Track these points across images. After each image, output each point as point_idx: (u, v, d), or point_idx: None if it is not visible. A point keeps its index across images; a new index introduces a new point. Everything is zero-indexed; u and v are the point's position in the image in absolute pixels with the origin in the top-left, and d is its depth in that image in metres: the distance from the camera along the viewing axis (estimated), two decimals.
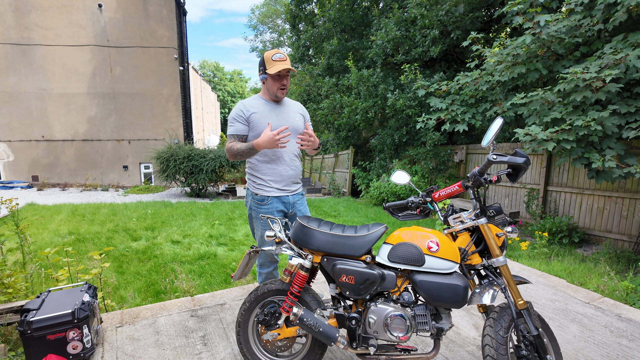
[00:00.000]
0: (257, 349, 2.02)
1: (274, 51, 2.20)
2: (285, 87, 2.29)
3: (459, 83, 6.20)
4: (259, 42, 30.27)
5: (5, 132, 13.41)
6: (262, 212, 2.31)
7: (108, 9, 13.48)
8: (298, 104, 2.50)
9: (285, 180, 2.35)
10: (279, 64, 2.17)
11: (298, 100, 12.61)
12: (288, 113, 2.37)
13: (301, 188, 2.56)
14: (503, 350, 1.62)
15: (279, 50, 2.21)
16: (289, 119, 2.34)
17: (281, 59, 2.18)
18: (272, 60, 2.18)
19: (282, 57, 2.18)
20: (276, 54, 2.18)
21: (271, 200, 2.31)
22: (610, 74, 3.85)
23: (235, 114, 2.27)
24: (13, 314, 2.37)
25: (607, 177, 4.17)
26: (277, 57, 2.18)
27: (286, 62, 2.19)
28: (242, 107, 2.28)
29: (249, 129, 2.26)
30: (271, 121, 2.23)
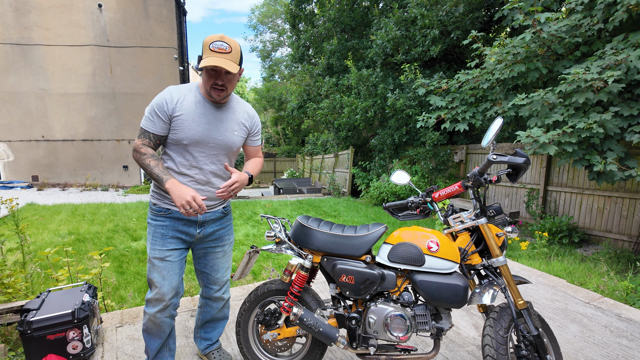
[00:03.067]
0: (257, 349, 2.02)
1: (217, 36, 1.64)
2: (224, 89, 1.71)
3: (459, 81, 6.20)
4: (259, 42, 30.28)
5: (5, 132, 13.41)
6: (155, 225, 1.82)
7: (108, 9, 13.47)
8: (247, 110, 1.92)
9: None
10: (215, 57, 1.61)
11: (298, 100, 12.58)
12: (226, 122, 1.81)
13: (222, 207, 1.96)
14: (503, 350, 1.62)
15: (223, 38, 1.64)
16: (222, 132, 1.80)
17: (222, 50, 1.62)
18: (210, 50, 1.62)
19: (223, 48, 1.62)
20: (217, 42, 1.62)
21: (173, 213, 1.81)
22: (612, 75, 3.85)
23: (156, 106, 1.69)
24: (13, 314, 2.36)
25: (607, 178, 4.17)
26: (216, 45, 1.62)
27: (227, 57, 1.63)
28: (168, 99, 1.70)
29: (169, 129, 1.73)
30: (198, 129, 1.73)
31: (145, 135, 1.72)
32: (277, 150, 26.49)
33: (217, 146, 1.80)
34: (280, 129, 27.87)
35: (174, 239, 1.84)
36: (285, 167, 22.07)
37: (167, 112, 1.70)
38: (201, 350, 2.18)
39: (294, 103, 12.88)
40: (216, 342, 2.20)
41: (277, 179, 16.34)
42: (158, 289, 1.79)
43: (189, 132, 1.72)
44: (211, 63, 1.59)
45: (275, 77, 28.80)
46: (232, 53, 1.66)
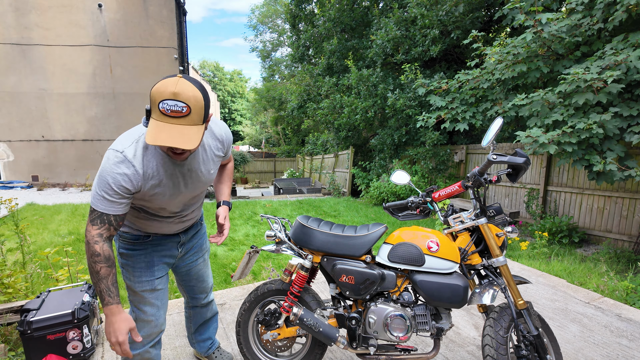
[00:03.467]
0: (257, 349, 2.02)
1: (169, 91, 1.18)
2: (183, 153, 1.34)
3: (460, 81, 6.20)
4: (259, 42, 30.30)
5: (5, 132, 13.41)
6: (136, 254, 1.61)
7: (108, 9, 13.48)
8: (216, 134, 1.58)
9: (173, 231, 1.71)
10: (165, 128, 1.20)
11: (298, 100, 12.57)
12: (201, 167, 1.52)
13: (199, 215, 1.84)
14: (503, 350, 1.62)
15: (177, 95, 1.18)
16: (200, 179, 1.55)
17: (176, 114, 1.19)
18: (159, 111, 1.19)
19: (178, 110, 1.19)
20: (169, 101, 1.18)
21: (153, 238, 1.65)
22: (611, 75, 3.85)
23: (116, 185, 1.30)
24: (13, 314, 2.37)
25: (607, 178, 4.18)
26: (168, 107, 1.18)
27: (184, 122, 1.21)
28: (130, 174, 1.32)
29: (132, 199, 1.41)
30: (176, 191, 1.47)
31: (103, 221, 1.33)
32: (277, 150, 26.50)
33: (197, 195, 1.63)
34: (280, 129, 27.87)
35: (161, 264, 1.68)
36: (285, 167, 22.08)
37: (133, 189, 1.35)
38: (203, 353, 2.15)
39: (294, 103, 12.88)
40: (215, 341, 2.18)
41: (277, 179, 16.35)
42: (153, 322, 1.65)
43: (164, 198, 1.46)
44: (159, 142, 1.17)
45: (275, 77, 28.81)
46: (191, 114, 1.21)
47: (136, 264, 1.61)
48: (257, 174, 21.85)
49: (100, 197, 1.32)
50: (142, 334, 1.65)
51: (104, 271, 1.34)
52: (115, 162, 1.32)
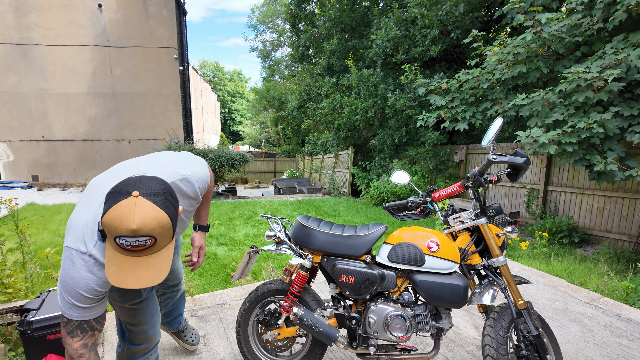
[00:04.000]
0: (257, 349, 2.02)
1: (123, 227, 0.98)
2: None
3: (460, 81, 6.20)
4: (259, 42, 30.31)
5: (5, 132, 13.41)
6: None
7: (108, 9, 13.48)
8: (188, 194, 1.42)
9: None
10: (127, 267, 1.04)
11: (298, 100, 12.57)
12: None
13: None
14: (503, 350, 1.62)
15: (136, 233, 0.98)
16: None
17: (137, 247, 1.01)
18: (117, 245, 1.02)
19: (138, 245, 1.01)
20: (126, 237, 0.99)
21: None
22: (612, 74, 3.85)
23: (90, 292, 1.14)
24: (13, 314, 2.37)
25: (608, 178, 4.18)
26: (125, 242, 1.00)
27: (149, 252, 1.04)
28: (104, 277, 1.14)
29: None
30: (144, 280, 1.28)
31: (83, 330, 1.16)
32: (277, 150, 26.50)
33: None
34: (280, 129, 27.88)
35: None
36: (285, 167, 22.08)
37: (106, 290, 1.20)
38: (173, 330, 2.19)
39: (294, 103, 12.88)
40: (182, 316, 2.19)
41: (277, 179, 16.35)
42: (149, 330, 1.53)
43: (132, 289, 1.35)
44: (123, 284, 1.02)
45: (275, 77, 28.82)
46: (157, 243, 1.03)
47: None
48: (257, 174, 21.85)
49: (72, 306, 1.13)
50: (142, 346, 1.56)
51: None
52: (86, 268, 1.12)
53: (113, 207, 0.99)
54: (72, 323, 1.14)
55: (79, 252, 1.12)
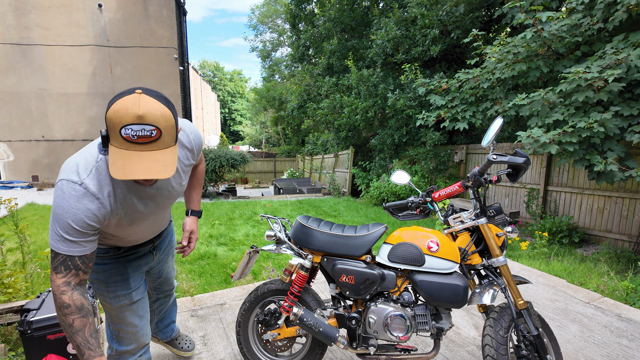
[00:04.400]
0: (257, 349, 2.02)
1: (131, 114, 0.98)
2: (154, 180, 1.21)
3: (460, 80, 6.20)
4: (259, 42, 30.31)
5: (5, 132, 13.41)
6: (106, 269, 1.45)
7: (108, 9, 13.48)
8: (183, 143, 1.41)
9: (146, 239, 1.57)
10: (134, 156, 1.02)
11: (298, 100, 12.57)
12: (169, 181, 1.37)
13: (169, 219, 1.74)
14: (503, 350, 1.62)
15: (143, 117, 0.99)
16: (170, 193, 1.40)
17: (144, 139, 1.01)
18: (122, 138, 1.00)
19: (144, 135, 1.00)
20: (133, 126, 0.99)
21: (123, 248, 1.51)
22: (612, 74, 3.85)
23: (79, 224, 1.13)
24: (13, 314, 2.37)
25: (608, 178, 4.18)
26: (133, 133, 1.00)
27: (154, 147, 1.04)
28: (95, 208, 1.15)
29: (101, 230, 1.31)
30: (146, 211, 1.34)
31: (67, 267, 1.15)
32: (277, 150, 26.50)
33: (166, 207, 1.47)
34: (280, 129, 27.88)
35: (136, 274, 1.54)
36: (285, 167, 22.08)
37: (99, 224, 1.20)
38: (166, 339, 2.14)
39: (294, 103, 12.88)
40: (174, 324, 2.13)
41: (277, 179, 16.35)
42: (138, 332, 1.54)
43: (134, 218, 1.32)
44: (129, 176, 1.00)
45: (275, 77, 28.83)
46: (162, 137, 1.04)
47: (109, 278, 1.44)
48: (257, 174, 21.86)
49: (60, 238, 1.12)
50: (130, 347, 1.55)
51: (78, 323, 1.15)
52: (75, 197, 1.11)
53: (118, 101, 1.00)
54: (58, 258, 1.14)
55: (70, 182, 1.12)
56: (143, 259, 1.58)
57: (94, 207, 1.14)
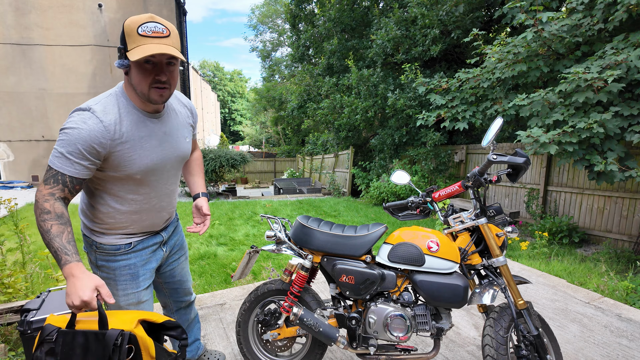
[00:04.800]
0: (257, 349, 2.02)
1: (144, 17, 1.21)
2: (168, 86, 1.30)
3: (460, 80, 6.20)
4: (259, 42, 30.31)
5: (5, 132, 13.41)
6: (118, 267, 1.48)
7: (108, 9, 13.48)
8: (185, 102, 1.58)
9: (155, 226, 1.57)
10: (151, 44, 1.18)
11: (298, 100, 12.57)
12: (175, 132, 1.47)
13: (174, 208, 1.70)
14: (503, 350, 1.62)
15: (153, 18, 1.22)
16: (176, 146, 1.48)
17: (157, 34, 1.20)
18: (139, 35, 1.19)
19: (159, 31, 1.20)
20: (148, 24, 1.20)
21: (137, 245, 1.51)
22: (612, 75, 3.85)
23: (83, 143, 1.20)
24: (13, 314, 2.36)
25: (608, 178, 4.18)
26: (149, 28, 1.19)
27: (166, 42, 1.21)
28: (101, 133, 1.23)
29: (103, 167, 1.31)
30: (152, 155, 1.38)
31: (56, 180, 1.20)
32: (277, 150, 26.49)
33: (173, 165, 1.50)
34: (280, 129, 27.88)
35: (147, 273, 1.54)
36: (285, 167, 22.08)
37: (101, 151, 1.24)
38: (193, 357, 2.03)
39: (294, 103, 12.88)
40: (201, 342, 2.07)
41: (277, 179, 16.34)
42: None
43: (141, 163, 1.35)
44: (149, 51, 1.16)
45: (276, 77, 28.83)
46: (171, 37, 1.23)
47: (119, 277, 1.47)
48: (257, 174, 21.86)
49: (58, 155, 1.20)
50: None
51: (56, 229, 1.17)
52: (82, 120, 1.20)
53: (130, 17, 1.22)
54: (51, 172, 1.21)
55: (79, 110, 1.24)
56: (153, 256, 1.58)
57: (98, 129, 1.22)
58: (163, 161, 1.43)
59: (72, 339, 1.09)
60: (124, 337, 1.08)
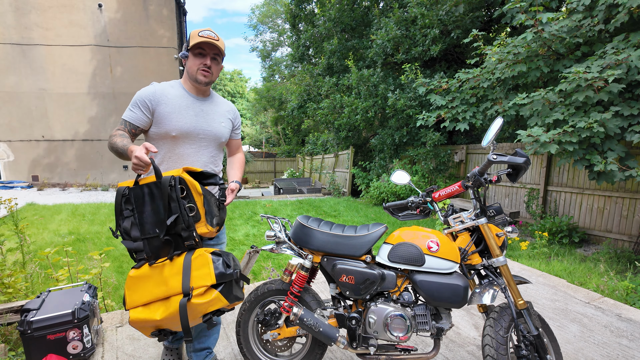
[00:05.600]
0: (257, 349, 2.02)
1: (205, 28, 1.77)
2: (210, 71, 1.78)
3: (460, 80, 6.20)
4: (259, 42, 30.30)
5: (5, 132, 13.41)
6: None
7: (108, 9, 13.48)
8: (230, 104, 2.01)
9: None
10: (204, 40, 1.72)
11: (298, 100, 12.59)
12: (212, 114, 1.86)
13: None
14: (503, 350, 1.62)
15: (210, 29, 1.78)
16: (210, 123, 1.85)
17: (210, 37, 1.72)
18: (198, 36, 1.72)
19: (212, 36, 1.73)
20: (205, 31, 1.74)
21: None
22: (612, 74, 3.85)
23: (139, 98, 1.74)
24: (13, 314, 2.37)
25: (608, 178, 4.17)
26: (205, 34, 1.72)
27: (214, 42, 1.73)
28: (151, 92, 1.75)
29: (151, 122, 1.76)
30: (186, 120, 1.77)
31: (122, 123, 1.74)
32: (277, 150, 26.48)
33: (206, 137, 1.84)
34: (280, 129, 27.86)
35: None
36: (285, 167, 22.08)
37: (149, 105, 1.73)
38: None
39: (294, 103, 12.88)
40: (212, 353, 2.02)
41: (277, 179, 16.34)
42: None
43: (177, 123, 1.75)
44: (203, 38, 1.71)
45: (276, 77, 28.81)
46: (219, 41, 1.77)
47: None
48: (257, 174, 21.86)
49: (127, 110, 1.75)
50: None
51: (119, 139, 1.62)
52: (148, 87, 1.78)
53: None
54: (121, 121, 1.74)
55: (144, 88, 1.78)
56: None
57: (150, 90, 1.76)
58: (196, 129, 1.80)
59: (139, 191, 1.52)
60: (175, 180, 1.48)
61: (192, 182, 1.53)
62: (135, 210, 1.51)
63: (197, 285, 1.44)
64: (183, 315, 1.41)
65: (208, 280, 1.44)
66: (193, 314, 1.45)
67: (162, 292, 1.46)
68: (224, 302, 1.48)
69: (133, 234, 1.50)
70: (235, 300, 1.55)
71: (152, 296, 1.47)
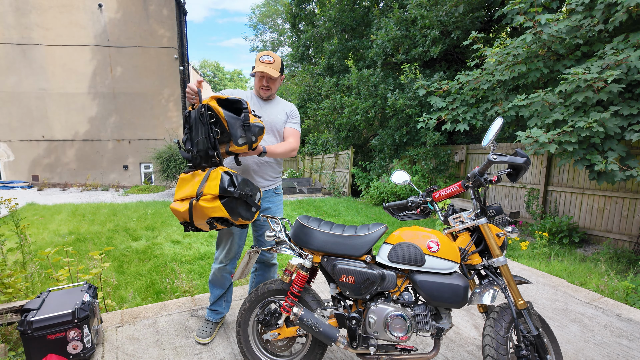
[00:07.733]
0: (257, 349, 2.02)
1: (263, 53, 2.25)
2: (269, 89, 2.32)
3: (460, 82, 6.20)
4: (259, 42, 30.29)
5: (5, 132, 13.41)
6: None
7: (108, 9, 13.48)
8: (289, 105, 2.48)
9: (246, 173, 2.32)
10: (261, 66, 2.21)
11: (298, 100, 12.61)
12: (271, 110, 2.39)
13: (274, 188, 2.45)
14: (503, 350, 1.62)
15: (268, 53, 2.24)
16: (269, 115, 2.36)
17: (267, 62, 2.22)
18: (259, 62, 2.24)
19: (268, 60, 2.22)
20: (263, 56, 2.23)
21: None
22: (612, 75, 3.84)
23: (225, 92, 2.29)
24: (13, 313, 2.37)
25: (608, 178, 4.17)
26: (263, 59, 2.23)
27: (268, 66, 2.21)
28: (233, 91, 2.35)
29: None
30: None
31: None
32: None
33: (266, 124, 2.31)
34: None
35: None
36: (285, 167, 22.07)
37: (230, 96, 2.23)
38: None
39: (294, 103, 12.88)
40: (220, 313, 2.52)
41: None
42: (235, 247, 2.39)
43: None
44: (259, 69, 2.20)
45: None
46: (274, 64, 2.25)
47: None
48: None
49: None
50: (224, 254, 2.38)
51: None
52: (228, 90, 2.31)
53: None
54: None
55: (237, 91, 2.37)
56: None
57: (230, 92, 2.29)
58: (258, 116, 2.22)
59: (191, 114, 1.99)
60: (205, 107, 1.90)
61: (217, 108, 1.90)
62: (189, 130, 1.98)
63: (206, 192, 1.81)
64: (190, 212, 1.83)
65: (214, 190, 1.80)
66: (198, 213, 1.83)
67: (189, 192, 1.88)
68: (224, 212, 1.80)
69: (187, 147, 1.98)
70: (238, 217, 1.89)
71: (184, 194, 1.90)
